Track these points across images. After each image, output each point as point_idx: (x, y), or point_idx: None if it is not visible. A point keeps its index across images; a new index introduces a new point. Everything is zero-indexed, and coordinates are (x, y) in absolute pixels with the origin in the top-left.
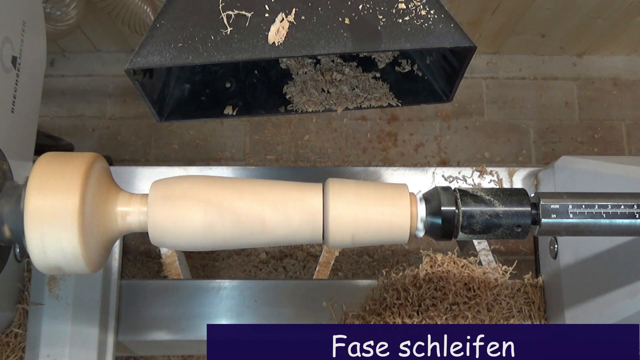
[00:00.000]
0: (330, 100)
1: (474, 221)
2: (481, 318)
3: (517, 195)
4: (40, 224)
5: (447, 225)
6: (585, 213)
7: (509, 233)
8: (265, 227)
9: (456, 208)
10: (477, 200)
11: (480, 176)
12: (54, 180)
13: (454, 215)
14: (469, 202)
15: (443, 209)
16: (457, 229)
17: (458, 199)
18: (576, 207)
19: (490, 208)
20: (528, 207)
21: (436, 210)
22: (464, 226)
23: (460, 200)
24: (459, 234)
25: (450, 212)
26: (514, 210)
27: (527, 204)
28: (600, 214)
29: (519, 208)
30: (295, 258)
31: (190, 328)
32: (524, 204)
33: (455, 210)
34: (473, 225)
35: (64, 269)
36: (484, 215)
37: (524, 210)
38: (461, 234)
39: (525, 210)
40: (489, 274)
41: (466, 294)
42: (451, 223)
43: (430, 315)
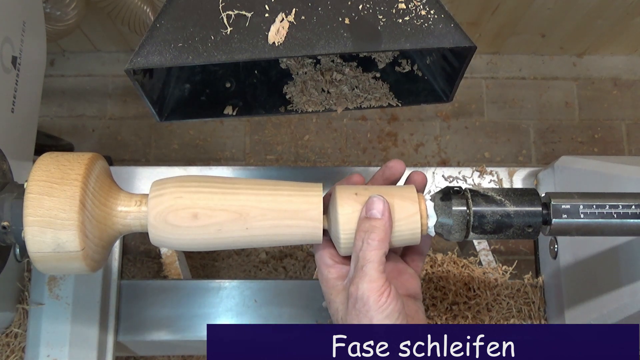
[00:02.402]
0: (330, 100)
1: (485, 221)
2: (481, 318)
3: (528, 195)
4: (40, 224)
5: (458, 225)
6: (596, 213)
7: (519, 233)
8: (265, 226)
9: (467, 208)
10: (488, 200)
11: (480, 176)
12: (54, 181)
13: (465, 215)
14: (480, 202)
15: (454, 209)
16: (469, 229)
17: (469, 199)
18: (587, 207)
19: (501, 208)
20: (539, 207)
21: (447, 211)
22: (475, 226)
23: (472, 201)
24: (470, 234)
25: (462, 212)
26: (525, 210)
27: (538, 204)
28: (611, 214)
29: (530, 208)
30: (295, 258)
31: (190, 328)
32: (535, 203)
33: (466, 210)
34: (484, 225)
35: (63, 269)
36: (495, 216)
37: (535, 210)
38: (472, 234)
39: (537, 210)
40: (489, 274)
41: (466, 294)
42: (462, 223)
43: (430, 315)
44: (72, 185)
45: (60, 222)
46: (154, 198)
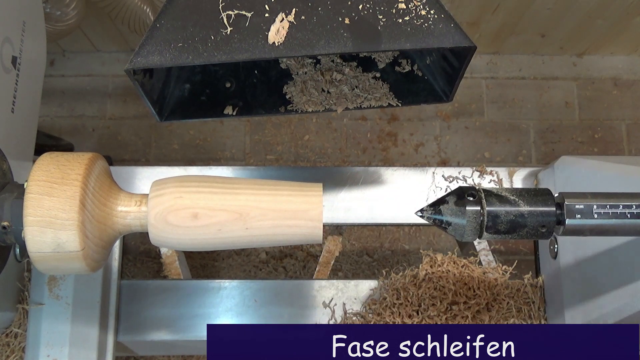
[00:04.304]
0: (330, 100)
1: (499, 221)
2: (481, 318)
3: (541, 195)
4: (40, 224)
5: (472, 225)
6: (609, 213)
7: (533, 233)
8: (265, 226)
9: (481, 208)
10: (501, 201)
11: (480, 176)
12: (54, 181)
13: (478, 215)
14: (493, 202)
15: (468, 209)
16: (482, 229)
17: (483, 199)
18: (601, 207)
19: (515, 208)
20: (553, 207)
21: (461, 211)
22: (489, 226)
23: (485, 200)
24: (483, 234)
25: (475, 212)
26: (539, 211)
27: (552, 204)
28: (625, 214)
29: (544, 208)
30: (295, 258)
31: (190, 328)
32: (548, 203)
33: (480, 210)
34: (498, 225)
35: (64, 269)
36: (509, 216)
37: (549, 210)
38: (486, 234)
39: (550, 210)
40: (489, 274)
41: (466, 293)
42: (476, 223)
43: (430, 315)
44: (72, 185)
45: (60, 222)
46: (154, 198)
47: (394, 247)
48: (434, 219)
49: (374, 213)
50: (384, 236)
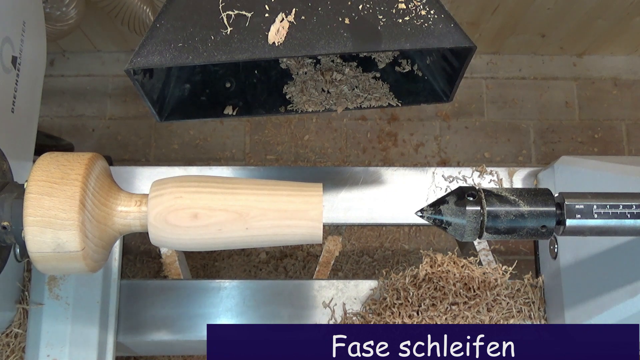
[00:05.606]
0: (330, 100)
1: (499, 221)
2: (481, 318)
3: (541, 195)
4: (40, 224)
5: (472, 225)
6: (610, 213)
7: (533, 233)
8: (265, 226)
9: (481, 208)
10: (502, 201)
11: (480, 176)
12: (54, 181)
13: (478, 215)
14: (494, 202)
15: (468, 209)
16: (482, 229)
17: (483, 199)
18: (601, 207)
19: (515, 208)
20: (553, 207)
21: (460, 211)
22: (489, 226)
23: (485, 200)
24: (483, 234)
25: (475, 212)
26: (539, 211)
27: (552, 204)
28: (624, 214)
29: (544, 208)
30: (295, 258)
31: (190, 328)
32: (549, 203)
33: (480, 210)
34: (498, 225)
35: (64, 269)
36: (509, 216)
37: (549, 211)
38: (486, 234)
39: (551, 211)
40: (489, 274)
41: (466, 294)
42: (476, 223)
43: (430, 315)
44: (72, 185)
45: (60, 222)
46: (154, 198)
47: (394, 247)
48: (434, 219)
49: (374, 213)
50: (384, 236)
